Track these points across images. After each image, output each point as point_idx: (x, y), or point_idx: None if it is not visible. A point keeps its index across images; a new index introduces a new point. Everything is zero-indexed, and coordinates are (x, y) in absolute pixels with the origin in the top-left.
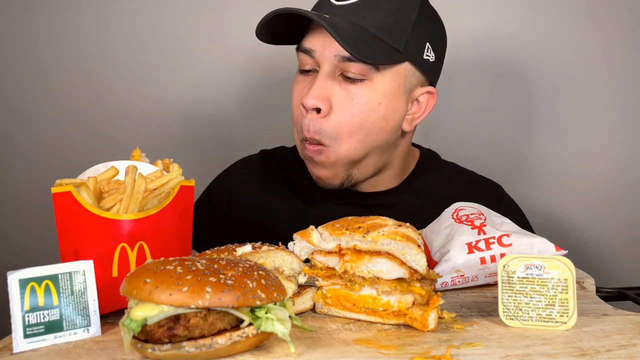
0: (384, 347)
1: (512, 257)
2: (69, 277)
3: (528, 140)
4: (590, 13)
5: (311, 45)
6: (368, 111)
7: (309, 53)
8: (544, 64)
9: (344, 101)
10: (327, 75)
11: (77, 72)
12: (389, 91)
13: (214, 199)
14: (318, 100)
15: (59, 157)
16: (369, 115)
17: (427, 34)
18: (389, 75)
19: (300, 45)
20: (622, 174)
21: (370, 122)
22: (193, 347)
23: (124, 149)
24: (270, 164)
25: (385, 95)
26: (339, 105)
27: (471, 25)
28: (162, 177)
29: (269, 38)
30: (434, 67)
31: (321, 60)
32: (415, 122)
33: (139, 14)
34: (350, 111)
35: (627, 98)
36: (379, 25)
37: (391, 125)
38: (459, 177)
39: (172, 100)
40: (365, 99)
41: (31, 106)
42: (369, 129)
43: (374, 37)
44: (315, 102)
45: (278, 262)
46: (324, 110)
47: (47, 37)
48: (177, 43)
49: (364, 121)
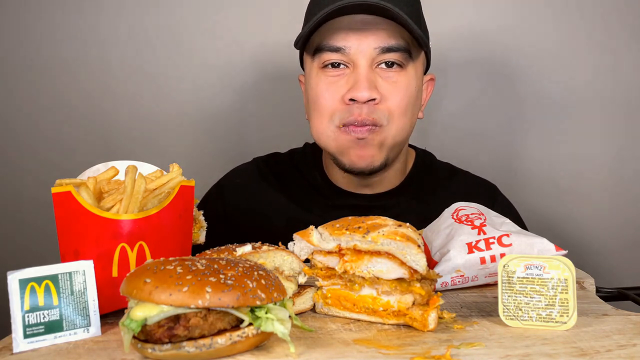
0: (384, 347)
1: (512, 257)
2: (69, 277)
3: (526, 141)
4: (583, 13)
5: (344, 43)
6: (409, 95)
7: (341, 51)
8: (540, 65)
9: (389, 89)
10: (369, 67)
11: (77, 72)
12: (420, 76)
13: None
14: (372, 91)
15: (59, 157)
16: (410, 98)
17: (425, 23)
18: (418, 62)
19: (326, 45)
20: (621, 174)
21: (412, 105)
22: (193, 347)
23: (124, 149)
24: (264, 172)
25: (417, 80)
26: (385, 94)
27: (465, 25)
28: (162, 177)
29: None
30: (430, 54)
31: (357, 56)
32: (423, 107)
33: (142, 14)
34: (397, 97)
35: (624, 97)
36: (409, 13)
37: (417, 109)
38: (454, 177)
39: (173, 100)
40: (405, 84)
41: (31, 106)
42: (412, 111)
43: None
44: (370, 94)
45: (278, 262)
46: (379, 99)
47: (47, 37)
48: (179, 42)
49: (408, 104)
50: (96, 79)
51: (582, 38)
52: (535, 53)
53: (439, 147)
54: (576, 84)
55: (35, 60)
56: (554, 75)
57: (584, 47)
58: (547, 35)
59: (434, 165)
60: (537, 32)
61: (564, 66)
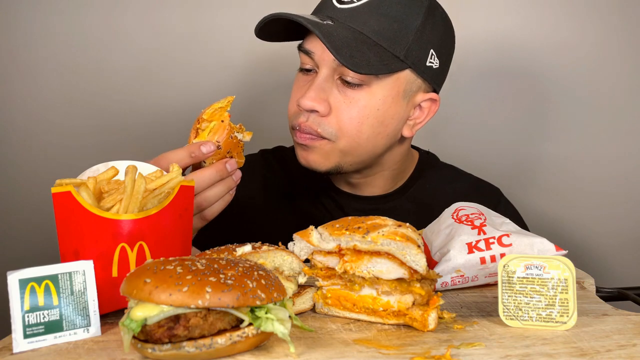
0: (384, 347)
1: (512, 257)
2: (69, 277)
3: (526, 143)
4: (596, 17)
5: (311, 47)
6: (366, 116)
7: (309, 54)
8: (548, 69)
9: (343, 104)
10: (326, 78)
11: (77, 72)
12: (388, 98)
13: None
14: (315, 102)
15: (59, 157)
16: (367, 119)
17: (431, 41)
18: (388, 82)
19: (301, 45)
20: (622, 174)
21: (368, 127)
22: (193, 347)
23: (124, 149)
24: (271, 163)
25: (384, 101)
26: (337, 107)
27: (477, 28)
28: (162, 177)
29: (267, 37)
30: (437, 73)
31: (320, 63)
32: (417, 127)
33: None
34: (349, 114)
35: (626, 100)
36: (380, 32)
37: (389, 130)
38: (457, 180)
39: (174, 100)
40: (363, 103)
41: (31, 106)
42: (367, 133)
43: (373, 45)
44: (312, 105)
45: (278, 262)
46: (323, 112)
47: (46, 37)
48: (176, 42)
49: (362, 125)
50: (96, 79)
51: (590, 42)
52: (541, 57)
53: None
54: (576, 86)
55: (34, 60)
56: (555, 76)
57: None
58: (554, 39)
59: (437, 167)
60: (544, 35)
61: (568, 69)
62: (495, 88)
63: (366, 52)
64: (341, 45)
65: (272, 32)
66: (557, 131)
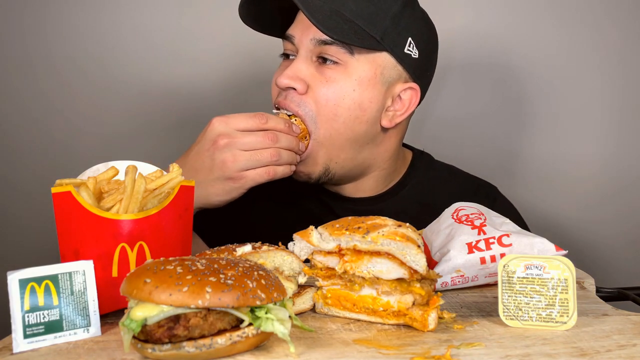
0: (384, 347)
1: (512, 257)
2: (69, 277)
3: (525, 141)
4: (583, 13)
5: (292, 31)
6: (342, 97)
7: (290, 39)
8: (538, 65)
9: (319, 82)
10: (304, 59)
11: (77, 72)
12: (364, 79)
13: None
14: (291, 80)
15: (59, 157)
16: (343, 100)
17: (409, 29)
18: (364, 61)
19: (284, 33)
20: (622, 174)
21: (345, 109)
22: (193, 347)
23: (124, 149)
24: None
25: (360, 82)
26: (314, 85)
27: (463, 25)
28: (162, 177)
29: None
30: (417, 64)
31: (299, 46)
32: (397, 119)
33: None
34: (325, 94)
35: (623, 97)
36: (357, 12)
37: (367, 115)
38: (453, 179)
39: (174, 101)
40: (340, 84)
41: (30, 106)
42: (344, 116)
43: (349, 21)
44: (288, 82)
45: (278, 262)
46: (300, 89)
47: (46, 36)
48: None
49: (338, 106)
50: (96, 79)
51: (581, 39)
52: (535, 54)
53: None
54: (576, 84)
55: (34, 60)
56: (555, 76)
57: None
58: (547, 37)
59: (431, 167)
60: (537, 33)
61: (564, 66)
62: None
63: (342, 24)
64: (316, 10)
65: (257, 18)
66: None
